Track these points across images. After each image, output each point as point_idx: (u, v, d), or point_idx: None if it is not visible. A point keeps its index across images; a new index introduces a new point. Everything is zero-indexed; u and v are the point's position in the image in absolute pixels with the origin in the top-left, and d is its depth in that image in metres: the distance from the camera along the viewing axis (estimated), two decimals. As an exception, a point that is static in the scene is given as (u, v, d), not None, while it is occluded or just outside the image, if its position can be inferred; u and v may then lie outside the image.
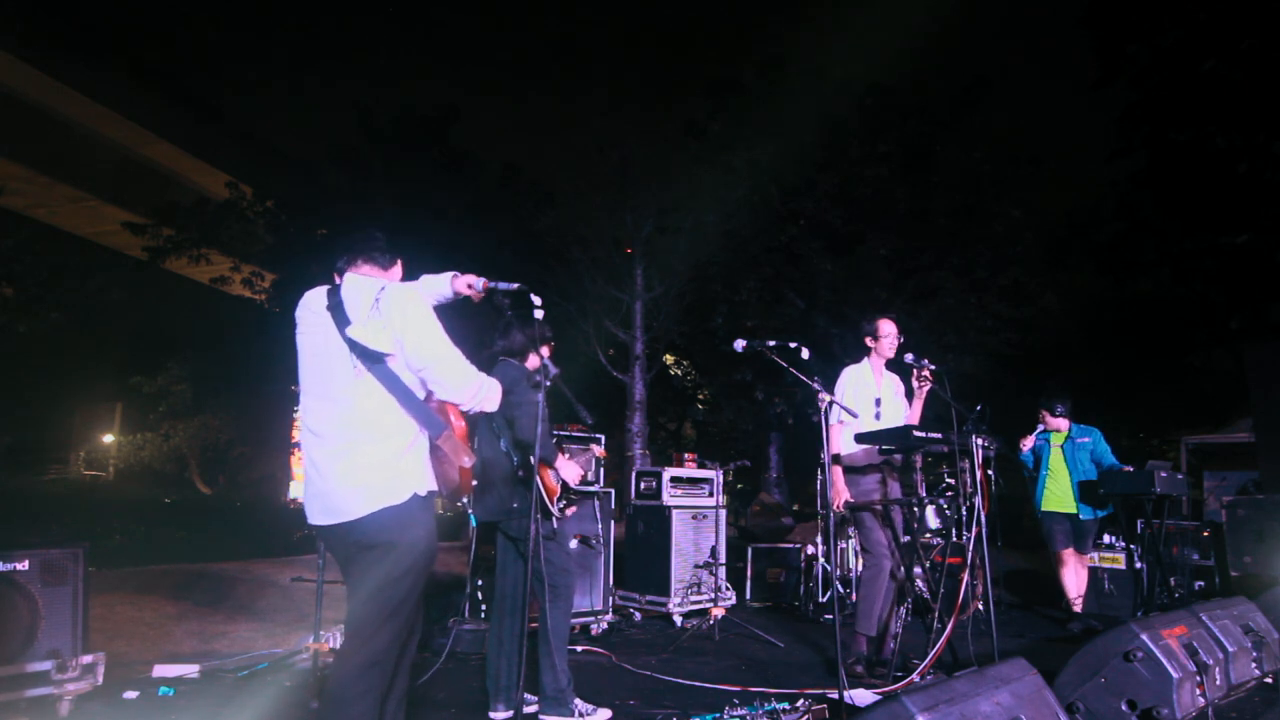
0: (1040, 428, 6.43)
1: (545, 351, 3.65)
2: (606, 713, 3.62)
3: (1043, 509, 6.34)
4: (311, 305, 2.57)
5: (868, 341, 4.84)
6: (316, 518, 2.50)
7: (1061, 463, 6.29)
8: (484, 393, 2.60)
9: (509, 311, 3.02)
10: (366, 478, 2.41)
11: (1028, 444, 6.43)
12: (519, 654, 3.34)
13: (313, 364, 2.53)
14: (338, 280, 2.61)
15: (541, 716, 3.56)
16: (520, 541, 3.63)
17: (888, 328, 4.82)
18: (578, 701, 3.59)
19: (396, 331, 2.44)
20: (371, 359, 2.43)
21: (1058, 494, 6.28)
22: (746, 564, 7.40)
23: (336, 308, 2.49)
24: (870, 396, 4.73)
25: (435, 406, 2.54)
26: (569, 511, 3.87)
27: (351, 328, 2.43)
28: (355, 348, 2.43)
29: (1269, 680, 3.90)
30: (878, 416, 4.72)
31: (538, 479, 3.31)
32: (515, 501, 3.62)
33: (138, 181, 24.30)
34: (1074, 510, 6.21)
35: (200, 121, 25.66)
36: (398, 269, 2.74)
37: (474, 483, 3.47)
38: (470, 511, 2.67)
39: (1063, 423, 6.34)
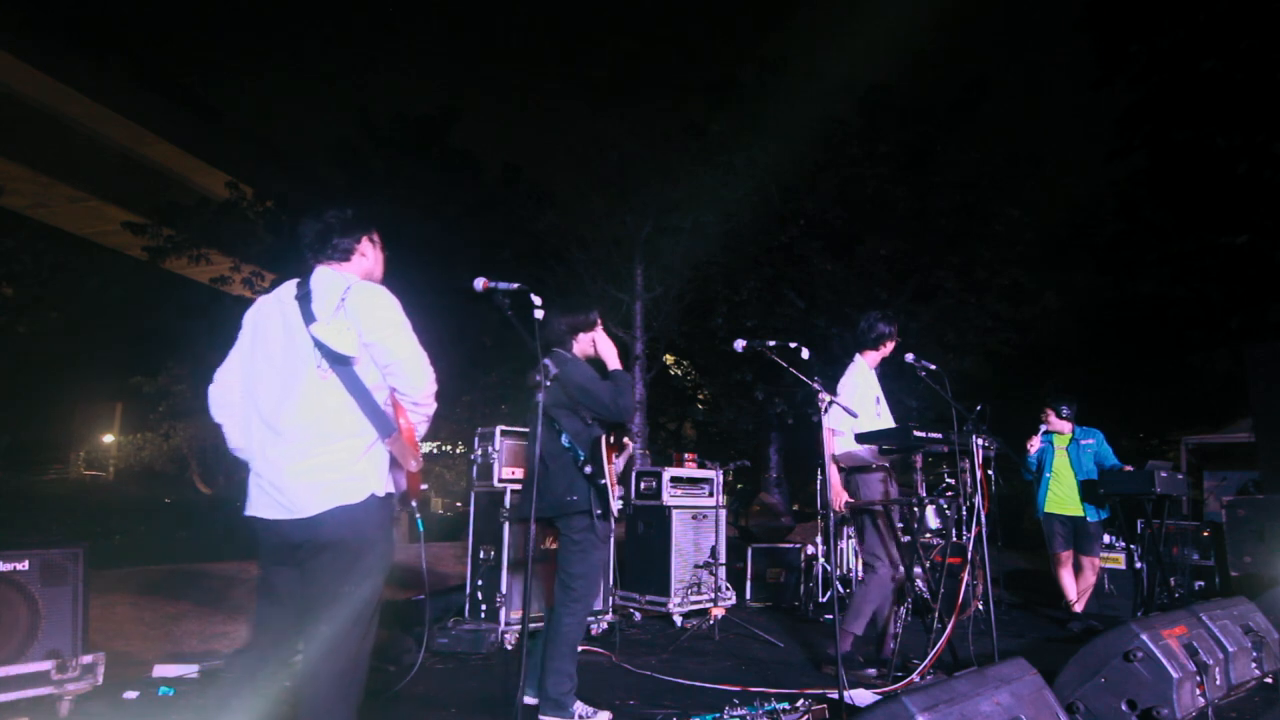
0: (1043, 428, 6.40)
1: (590, 338, 3.67)
2: (606, 715, 3.59)
3: (1045, 510, 6.33)
4: (282, 296, 2.52)
5: (886, 344, 4.78)
6: (263, 511, 2.41)
7: (1066, 465, 6.28)
8: (432, 404, 2.60)
9: (509, 311, 3.01)
10: (324, 476, 2.35)
11: (1034, 445, 6.36)
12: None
13: (271, 355, 2.46)
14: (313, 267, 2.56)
15: (540, 717, 3.55)
16: (574, 536, 3.50)
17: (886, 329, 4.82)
18: (579, 705, 3.54)
19: (362, 331, 2.38)
20: (335, 359, 2.37)
21: (1061, 496, 6.27)
22: (746, 564, 7.40)
23: (304, 299, 2.43)
24: (872, 395, 4.73)
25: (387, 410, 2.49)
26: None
27: (315, 325, 2.36)
28: (320, 347, 2.36)
29: (1269, 680, 3.90)
30: (879, 415, 4.72)
31: (606, 479, 3.39)
32: (573, 495, 3.46)
33: (138, 181, 24.30)
34: (1079, 512, 6.20)
35: (200, 121, 25.68)
36: (365, 250, 2.63)
37: (532, 476, 3.40)
38: (419, 517, 2.63)
39: (1067, 425, 6.33)
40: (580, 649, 4.29)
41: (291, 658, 2.54)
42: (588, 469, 3.44)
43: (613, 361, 3.62)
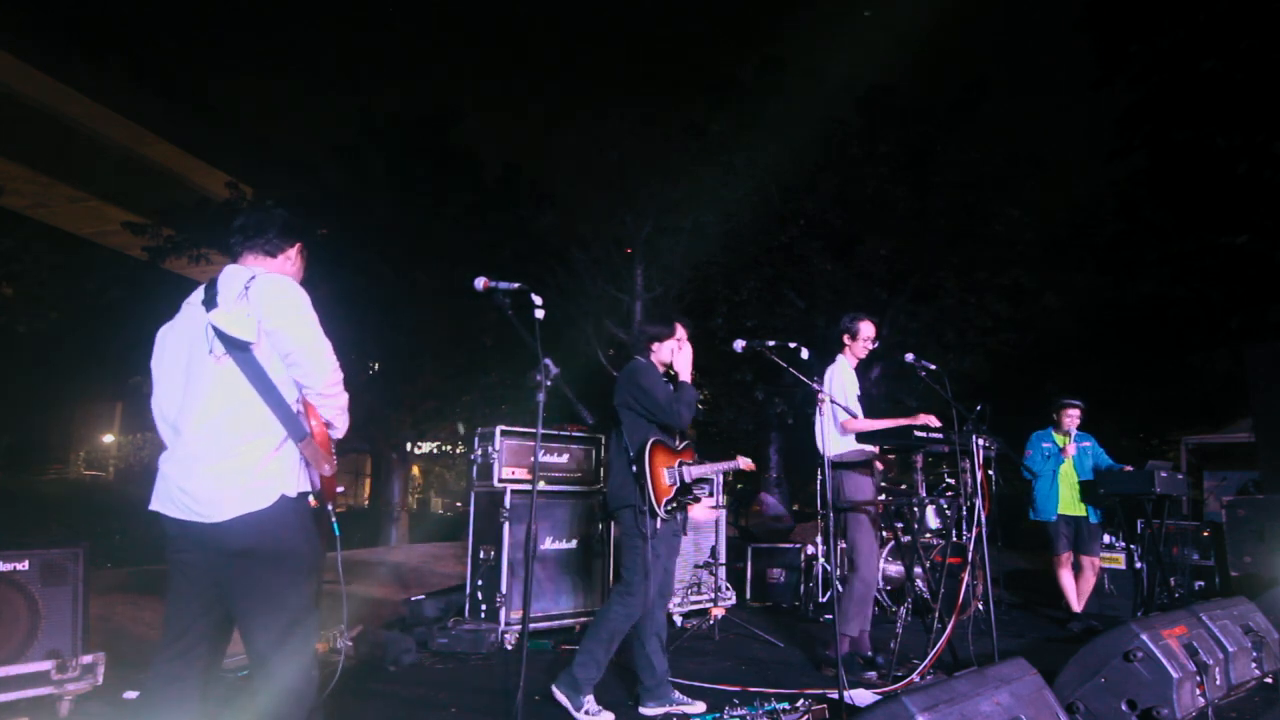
0: (1073, 430, 6.31)
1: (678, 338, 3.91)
2: (609, 716, 3.62)
3: (1056, 512, 6.29)
4: (191, 299, 2.51)
5: (845, 339, 4.75)
6: (168, 509, 2.36)
7: (1070, 466, 6.28)
8: (341, 394, 2.50)
9: (509, 311, 3.01)
10: (231, 480, 2.28)
11: (1072, 450, 6.26)
12: (643, 648, 3.63)
13: (174, 353, 2.44)
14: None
15: (553, 688, 3.64)
16: (625, 529, 3.72)
17: (868, 330, 4.75)
18: (590, 700, 3.61)
19: (263, 318, 2.32)
20: (233, 346, 2.31)
21: (1067, 497, 6.26)
22: (746, 564, 7.40)
23: (210, 300, 2.40)
24: (853, 393, 4.69)
25: (298, 411, 2.42)
26: (684, 511, 3.91)
27: (214, 312, 2.32)
28: (218, 334, 2.31)
29: (1269, 680, 3.90)
30: (860, 412, 4.70)
31: (646, 477, 3.63)
32: (623, 491, 3.71)
33: (138, 181, 24.27)
34: (1083, 513, 6.20)
35: (200, 121, 25.65)
36: (292, 255, 2.59)
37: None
38: (334, 520, 2.55)
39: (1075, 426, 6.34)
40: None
41: (220, 658, 2.50)
42: (634, 467, 3.67)
43: (683, 374, 3.89)
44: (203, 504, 2.29)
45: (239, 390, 2.31)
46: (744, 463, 4.27)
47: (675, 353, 3.91)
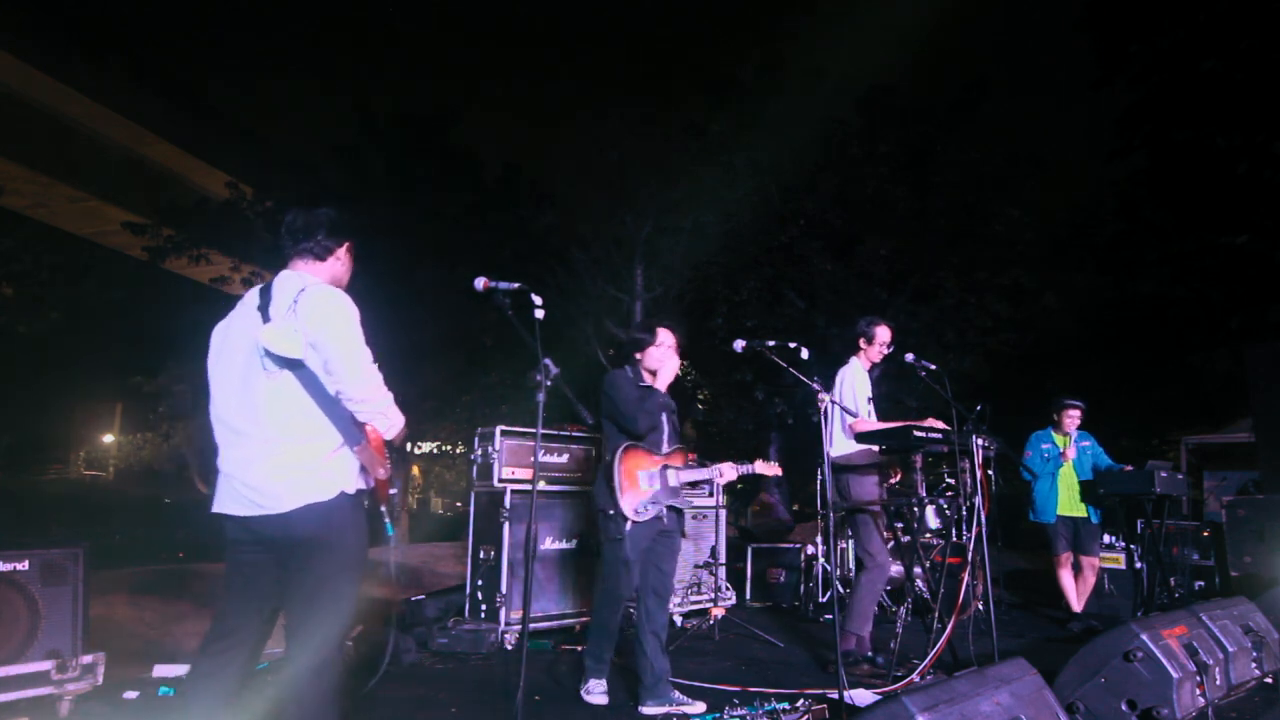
0: (1075, 429, 6.31)
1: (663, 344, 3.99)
2: (603, 698, 3.86)
3: (1057, 513, 6.29)
4: (246, 299, 2.57)
5: (860, 342, 4.82)
6: (232, 508, 2.45)
7: (1069, 467, 6.28)
8: (388, 408, 2.58)
9: (509, 311, 3.02)
10: (294, 473, 2.39)
11: (1072, 453, 6.25)
12: (642, 648, 3.79)
13: (229, 358, 2.50)
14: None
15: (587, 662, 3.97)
16: (603, 537, 3.88)
17: (884, 335, 4.81)
18: (595, 682, 3.92)
19: (307, 332, 2.39)
20: (282, 363, 2.39)
21: (1068, 497, 6.26)
22: (746, 564, 7.40)
23: (265, 307, 2.47)
24: (865, 395, 4.73)
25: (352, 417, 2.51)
26: (677, 513, 3.99)
27: (265, 329, 2.40)
28: (266, 351, 2.40)
29: (1269, 680, 3.90)
30: (870, 415, 4.72)
31: (614, 483, 3.77)
32: (598, 495, 3.88)
33: (138, 181, 24.28)
34: (1083, 514, 6.20)
35: (200, 121, 25.65)
36: (340, 255, 2.65)
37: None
38: (388, 521, 2.69)
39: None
40: (581, 648, 4.32)
41: (257, 660, 2.57)
42: (605, 473, 3.85)
43: (660, 380, 4.00)
44: (267, 496, 2.39)
45: (296, 399, 2.41)
46: (762, 466, 4.22)
47: (664, 360, 3.99)
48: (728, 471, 4.15)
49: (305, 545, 2.39)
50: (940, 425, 4.33)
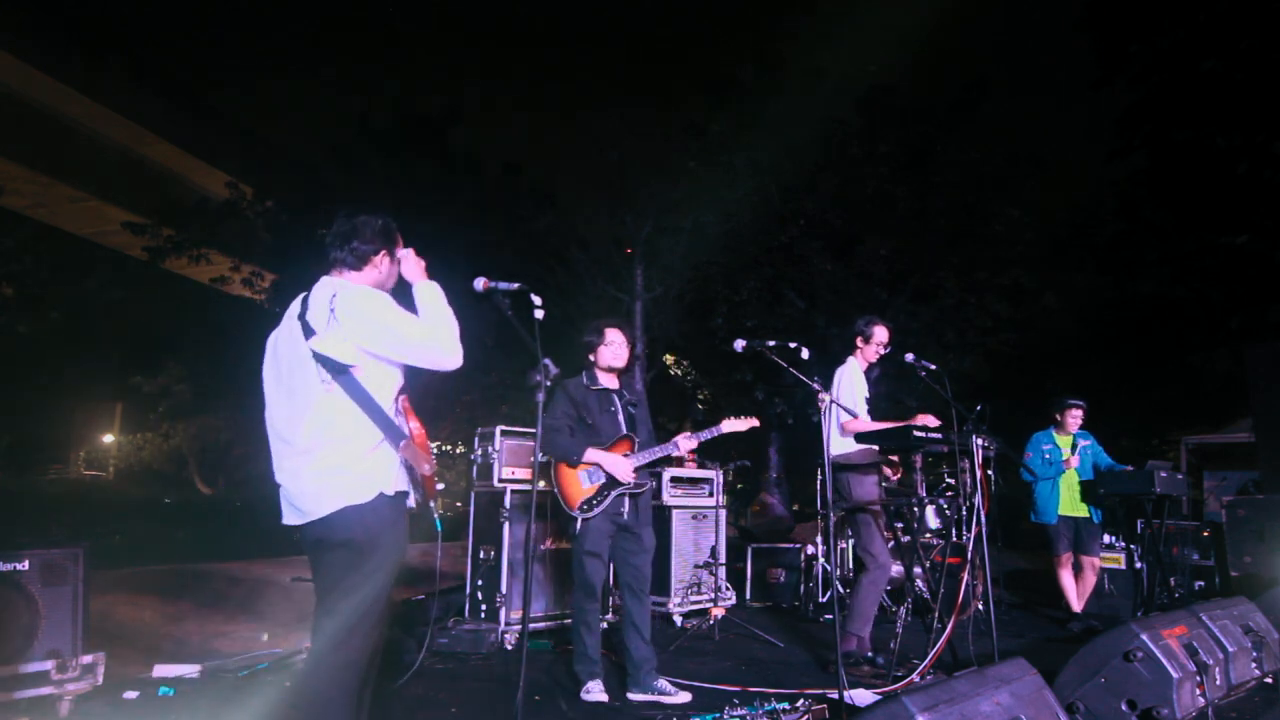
0: (1077, 429, 6.30)
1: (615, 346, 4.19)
2: (602, 696, 3.89)
3: (1058, 513, 6.28)
4: (291, 309, 2.60)
5: (857, 341, 4.84)
6: (288, 518, 2.52)
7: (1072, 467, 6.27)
8: (437, 334, 2.56)
9: (509, 311, 3.02)
10: (331, 477, 2.42)
11: (1074, 462, 6.23)
12: (625, 640, 3.98)
13: (280, 374, 2.54)
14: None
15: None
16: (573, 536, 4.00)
17: (882, 335, 4.82)
18: (594, 682, 3.95)
19: (357, 338, 2.44)
20: (336, 370, 2.43)
21: (1070, 497, 6.25)
22: (746, 564, 7.39)
23: (303, 315, 2.50)
24: (862, 395, 4.73)
25: (396, 415, 2.54)
26: (628, 501, 4.03)
27: (314, 340, 2.43)
28: (321, 360, 2.43)
29: (1269, 680, 3.90)
30: (865, 415, 4.72)
31: (554, 485, 3.98)
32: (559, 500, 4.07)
33: (138, 181, 24.29)
34: (1084, 514, 6.19)
35: (200, 121, 25.67)
36: (378, 262, 2.63)
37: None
38: (437, 516, 2.74)
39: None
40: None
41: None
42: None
43: (603, 377, 4.23)
44: (309, 501, 2.44)
45: (345, 406, 2.44)
46: (731, 424, 4.06)
47: (615, 358, 4.18)
48: (684, 443, 4.08)
49: (343, 547, 2.42)
50: (934, 421, 4.33)
